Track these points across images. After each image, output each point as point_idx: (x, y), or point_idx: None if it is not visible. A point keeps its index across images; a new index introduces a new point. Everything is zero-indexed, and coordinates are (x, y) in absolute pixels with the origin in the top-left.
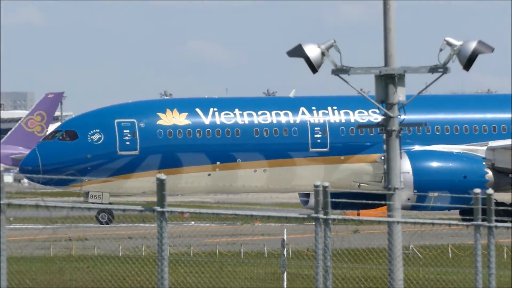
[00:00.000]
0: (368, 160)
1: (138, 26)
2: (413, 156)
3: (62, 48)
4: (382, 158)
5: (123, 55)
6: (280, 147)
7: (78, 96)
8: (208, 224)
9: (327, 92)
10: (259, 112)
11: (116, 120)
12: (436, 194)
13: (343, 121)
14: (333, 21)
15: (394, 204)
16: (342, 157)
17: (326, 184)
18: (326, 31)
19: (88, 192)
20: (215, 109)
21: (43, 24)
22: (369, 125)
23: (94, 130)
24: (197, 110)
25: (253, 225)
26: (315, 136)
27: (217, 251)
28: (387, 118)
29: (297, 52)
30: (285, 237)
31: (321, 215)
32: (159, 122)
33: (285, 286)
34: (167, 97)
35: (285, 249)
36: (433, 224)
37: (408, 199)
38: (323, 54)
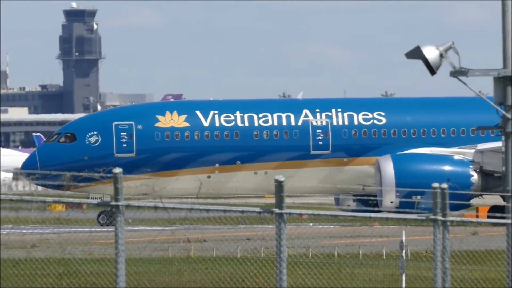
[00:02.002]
0: (371, 162)
1: (258, 27)
2: (396, 159)
3: (181, 50)
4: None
5: (242, 56)
6: (281, 149)
7: (196, 98)
8: (326, 226)
9: (445, 93)
10: (261, 115)
11: (114, 123)
12: (419, 197)
13: (346, 123)
14: (451, 22)
15: (510, 206)
16: (345, 159)
17: (445, 185)
18: (444, 32)
19: (89, 194)
20: (216, 112)
21: (162, 26)
22: (488, 127)
23: (92, 133)
24: (197, 112)
25: (371, 226)
26: (317, 138)
27: (336, 252)
28: (506, 120)
29: (416, 54)
30: (403, 239)
31: (439, 217)
32: (157, 124)
33: (403, 287)
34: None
35: (404, 251)
36: None
37: (391, 202)
38: (441, 56)
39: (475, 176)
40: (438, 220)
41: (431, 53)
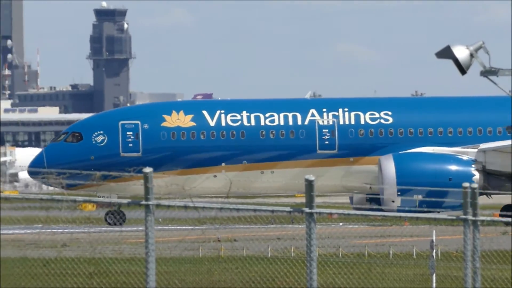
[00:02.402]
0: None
1: (289, 26)
2: (398, 158)
3: (211, 49)
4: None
5: (272, 55)
6: (287, 148)
7: (226, 97)
8: (356, 226)
9: (475, 93)
10: (267, 114)
11: (121, 122)
12: (420, 196)
13: (352, 122)
14: (482, 22)
15: None
16: (351, 159)
17: (475, 185)
18: (474, 32)
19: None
20: (222, 111)
21: (192, 25)
22: None
23: (98, 132)
24: (204, 112)
25: (401, 226)
26: (323, 138)
27: (366, 252)
28: None
29: (446, 53)
30: (434, 238)
31: (470, 217)
32: (163, 124)
33: (434, 287)
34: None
35: (434, 251)
36: None
37: (393, 201)
38: (471, 55)
39: (477, 176)
40: (468, 219)
41: (461, 52)
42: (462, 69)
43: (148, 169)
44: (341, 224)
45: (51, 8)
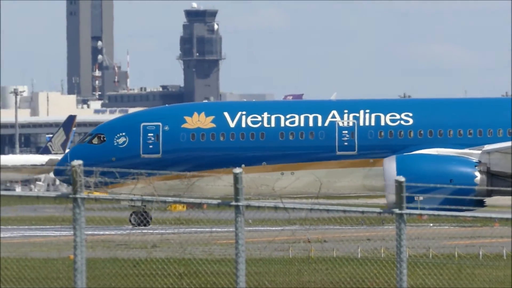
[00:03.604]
0: None
1: (382, 27)
2: (400, 160)
3: (302, 49)
4: None
5: (364, 55)
6: (306, 150)
7: (317, 98)
8: (447, 227)
9: None
10: (288, 115)
11: (142, 124)
12: (421, 197)
13: (372, 124)
14: None
15: None
16: (371, 160)
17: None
18: None
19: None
20: (243, 113)
21: (282, 25)
22: None
23: (120, 134)
24: (225, 113)
25: (492, 227)
26: (343, 139)
27: (456, 253)
28: None
29: None
30: None
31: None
32: (184, 125)
33: None
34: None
35: None
36: None
37: (394, 203)
38: None
39: (478, 177)
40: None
41: None
42: None
43: (237, 170)
44: (431, 225)
45: (141, 8)
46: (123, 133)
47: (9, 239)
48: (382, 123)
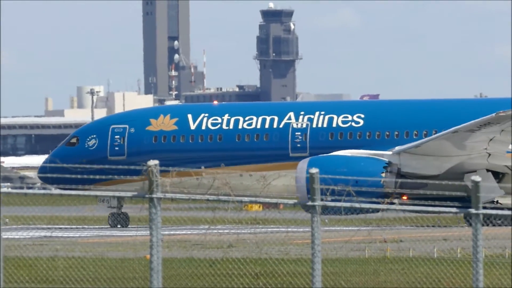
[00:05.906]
0: None
1: (458, 26)
2: (312, 161)
3: (378, 50)
4: None
5: (440, 56)
6: (261, 151)
7: (393, 98)
8: None
9: None
10: (247, 118)
11: (112, 126)
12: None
13: (325, 125)
14: None
15: None
16: None
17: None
18: None
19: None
20: (206, 115)
21: (359, 25)
22: None
23: (91, 136)
24: (188, 116)
25: None
26: (295, 140)
27: None
28: None
29: None
30: None
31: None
32: (148, 128)
33: None
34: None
35: None
36: None
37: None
38: None
39: (386, 178)
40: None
41: None
42: None
43: (314, 170)
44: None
45: (217, 8)
46: (94, 135)
47: (85, 238)
48: (334, 125)
